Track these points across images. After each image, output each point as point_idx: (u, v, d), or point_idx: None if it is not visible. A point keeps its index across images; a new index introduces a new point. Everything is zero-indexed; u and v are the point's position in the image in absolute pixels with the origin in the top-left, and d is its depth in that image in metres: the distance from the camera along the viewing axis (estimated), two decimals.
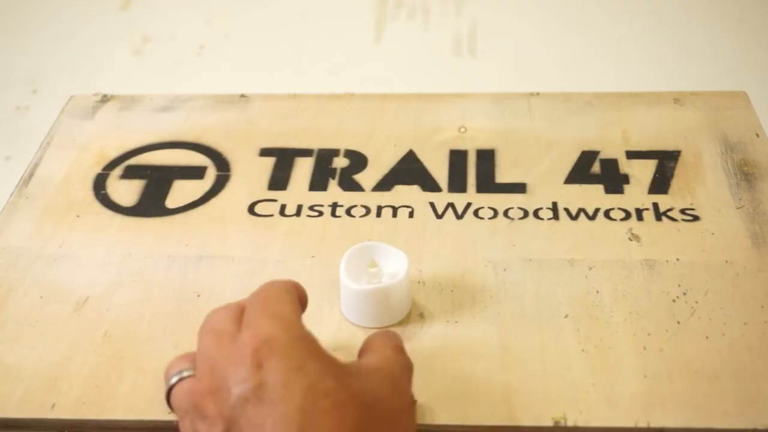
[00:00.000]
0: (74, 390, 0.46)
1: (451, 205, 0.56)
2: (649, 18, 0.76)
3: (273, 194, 0.58)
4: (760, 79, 0.67)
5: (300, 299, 0.41)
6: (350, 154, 0.61)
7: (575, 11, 0.78)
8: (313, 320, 0.41)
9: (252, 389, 0.34)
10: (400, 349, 0.42)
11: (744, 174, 0.57)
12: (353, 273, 0.47)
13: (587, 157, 0.59)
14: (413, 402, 0.40)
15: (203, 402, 0.36)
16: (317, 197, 0.58)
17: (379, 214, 0.56)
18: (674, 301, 0.48)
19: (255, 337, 0.36)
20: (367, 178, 0.59)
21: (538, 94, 0.66)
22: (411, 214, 0.56)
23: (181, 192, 0.59)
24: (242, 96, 0.67)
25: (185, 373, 0.40)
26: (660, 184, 0.57)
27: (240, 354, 0.35)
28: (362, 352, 0.42)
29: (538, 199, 0.56)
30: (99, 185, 0.60)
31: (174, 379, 0.40)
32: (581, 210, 0.55)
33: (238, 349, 0.36)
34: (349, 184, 0.59)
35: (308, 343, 0.37)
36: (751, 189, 0.56)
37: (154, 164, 0.62)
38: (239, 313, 0.40)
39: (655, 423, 0.42)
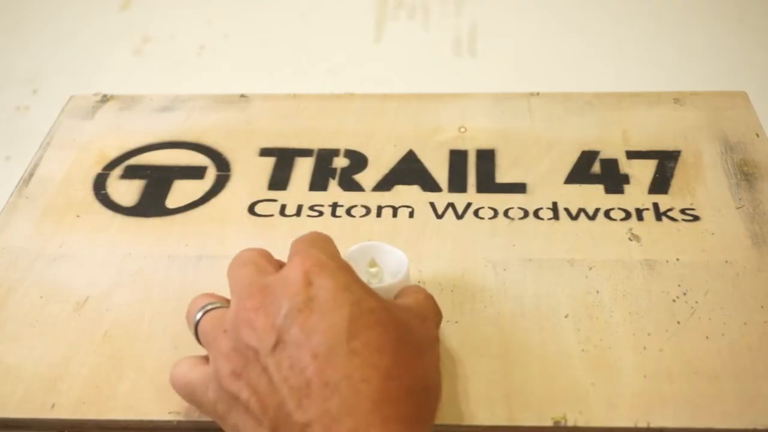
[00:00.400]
0: (74, 390, 0.46)
1: (451, 205, 0.56)
2: (649, 18, 0.76)
3: (273, 194, 0.58)
4: (760, 79, 0.67)
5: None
6: (350, 154, 0.61)
7: (575, 11, 0.78)
8: None
9: (304, 301, 0.37)
10: (431, 297, 0.44)
11: (744, 174, 0.57)
12: None
13: (587, 157, 0.59)
14: (437, 338, 0.43)
15: (254, 316, 0.38)
16: (317, 197, 0.58)
17: (379, 214, 0.56)
18: (674, 301, 0.48)
19: (306, 260, 0.39)
20: (367, 178, 0.59)
21: (538, 94, 0.65)
22: (411, 214, 0.56)
23: (181, 192, 0.59)
24: (242, 96, 0.67)
25: (210, 307, 0.42)
26: (660, 184, 0.57)
27: (291, 275, 0.38)
28: (398, 296, 0.45)
29: (538, 199, 0.56)
30: (99, 185, 0.60)
31: (200, 314, 0.42)
32: (581, 210, 0.55)
33: (290, 271, 0.39)
34: (349, 184, 0.59)
35: (353, 272, 0.40)
36: (751, 189, 0.56)
37: (154, 164, 0.62)
38: (269, 255, 0.43)
39: (655, 423, 0.42)
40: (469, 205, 0.56)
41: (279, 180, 0.59)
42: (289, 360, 0.36)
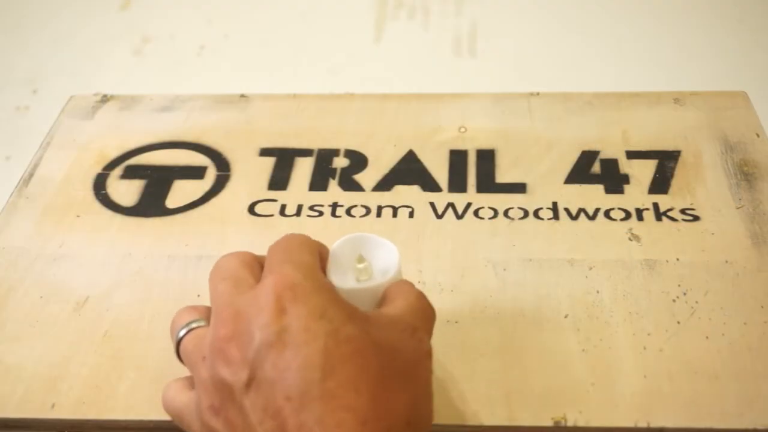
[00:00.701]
0: (74, 390, 0.46)
1: (451, 205, 0.56)
2: (649, 18, 0.76)
3: (273, 194, 0.58)
4: (760, 79, 0.67)
5: (320, 253, 0.41)
6: (350, 154, 0.61)
7: (575, 11, 0.78)
8: None
9: (275, 333, 0.34)
10: (422, 297, 0.41)
11: (744, 174, 0.57)
12: (341, 269, 0.42)
13: (587, 157, 0.59)
14: (429, 352, 0.39)
15: (227, 347, 0.36)
16: (317, 197, 0.58)
17: (379, 214, 0.56)
18: (674, 301, 0.48)
19: (278, 282, 0.36)
20: (367, 178, 0.59)
21: (538, 94, 0.65)
22: (411, 214, 0.56)
23: (181, 192, 0.59)
24: (242, 96, 0.67)
25: (194, 324, 0.40)
26: (660, 184, 0.57)
27: (263, 299, 0.36)
28: (385, 299, 0.41)
29: (538, 199, 0.56)
30: (99, 185, 0.60)
31: (182, 332, 0.40)
32: (581, 210, 0.55)
33: (261, 294, 0.36)
34: (349, 184, 0.59)
35: (329, 291, 0.37)
36: (751, 189, 0.56)
37: (154, 164, 0.62)
38: (252, 261, 0.41)
39: (655, 423, 0.42)
40: (469, 205, 0.56)
41: (279, 180, 0.59)
42: (264, 401, 0.34)
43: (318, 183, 0.59)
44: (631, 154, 0.59)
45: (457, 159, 0.60)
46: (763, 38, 0.73)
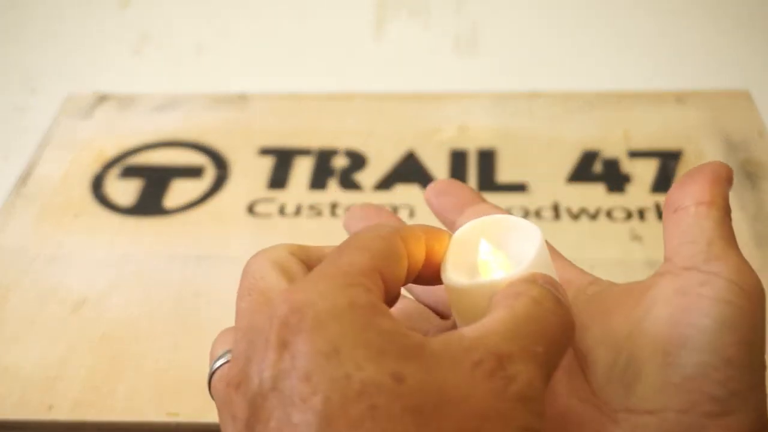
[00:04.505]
0: (72, 391, 0.45)
1: None
2: (651, 15, 0.76)
3: (272, 194, 0.58)
4: (764, 78, 0.66)
5: (429, 245, 0.29)
6: (350, 153, 0.61)
7: (576, 10, 0.77)
8: None
9: (271, 379, 0.24)
10: (545, 300, 0.26)
11: (747, 173, 0.57)
12: (466, 261, 0.30)
13: (588, 157, 0.59)
14: (524, 394, 0.23)
15: (234, 397, 0.26)
16: (317, 197, 0.57)
17: None
18: None
19: (286, 301, 0.25)
20: (367, 177, 0.59)
21: (538, 94, 0.65)
22: (411, 214, 0.55)
23: (180, 191, 0.59)
24: (241, 95, 0.67)
25: (230, 356, 0.29)
26: (662, 183, 0.56)
27: (266, 325, 0.25)
28: (489, 307, 0.26)
29: (539, 199, 0.56)
30: (97, 185, 0.60)
31: (217, 363, 0.30)
32: (583, 210, 0.55)
33: (266, 317, 0.25)
34: (348, 183, 0.58)
35: (358, 314, 0.24)
36: (754, 188, 0.55)
37: (153, 164, 0.61)
38: (287, 258, 0.30)
39: None
40: None
41: (278, 179, 0.59)
42: None
43: (317, 182, 0.59)
44: (633, 154, 0.59)
45: (458, 159, 0.60)
46: (767, 36, 0.72)
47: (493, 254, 0.29)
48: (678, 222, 0.29)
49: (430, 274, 0.29)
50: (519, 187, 0.57)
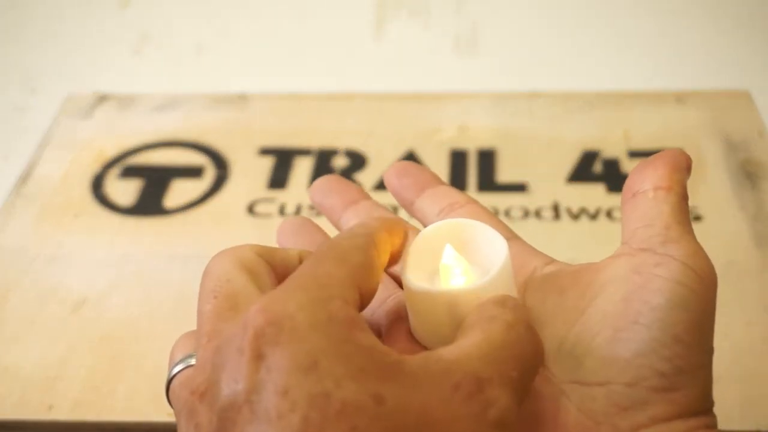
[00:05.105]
0: (72, 391, 0.45)
1: None
2: (651, 15, 0.76)
3: (272, 194, 0.58)
4: (764, 78, 0.66)
5: (391, 251, 0.29)
6: (350, 153, 0.61)
7: (576, 10, 0.77)
8: None
9: (244, 392, 0.23)
10: (517, 324, 0.26)
11: (747, 173, 0.57)
12: (426, 265, 0.30)
13: (588, 157, 0.59)
14: (502, 420, 0.23)
15: (198, 407, 0.25)
16: None
17: None
18: None
19: (262, 312, 0.24)
20: (367, 177, 0.59)
21: (538, 93, 0.65)
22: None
23: (180, 191, 0.59)
24: (241, 95, 0.67)
25: (191, 361, 0.29)
26: None
27: (239, 337, 0.24)
28: (462, 328, 0.27)
29: (539, 199, 0.56)
30: (97, 185, 0.60)
31: (176, 369, 0.30)
32: (583, 210, 0.55)
33: (239, 327, 0.24)
34: None
35: (337, 328, 0.24)
36: (754, 189, 0.55)
37: (153, 164, 0.61)
38: (254, 260, 0.30)
39: None
40: None
41: (278, 179, 0.59)
42: None
43: None
44: (633, 154, 0.59)
45: (458, 159, 0.60)
46: (767, 36, 0.72)
47: (456, 259, 0.29)
48: (636, 205, 0.29)
49: (388, 266, 0.29)
50: (519, 187, 0.57)
